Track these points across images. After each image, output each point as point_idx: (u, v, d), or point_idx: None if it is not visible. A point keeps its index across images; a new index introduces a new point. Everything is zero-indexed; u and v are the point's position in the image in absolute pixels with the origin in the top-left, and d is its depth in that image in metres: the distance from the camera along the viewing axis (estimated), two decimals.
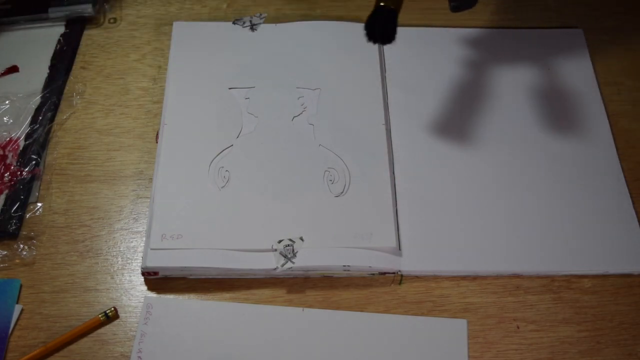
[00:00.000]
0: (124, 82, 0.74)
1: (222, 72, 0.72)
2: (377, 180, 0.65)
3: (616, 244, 0.63)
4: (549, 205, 0.65)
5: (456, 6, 0.65)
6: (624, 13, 0.82)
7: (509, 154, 0.68)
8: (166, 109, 0.69)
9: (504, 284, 0.61)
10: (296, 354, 0.57)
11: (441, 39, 0.77)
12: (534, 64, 0.75)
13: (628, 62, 0.78)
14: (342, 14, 0.79)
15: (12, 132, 0.68)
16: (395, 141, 0.69)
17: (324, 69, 0.73)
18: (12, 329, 0.57)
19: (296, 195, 0.64)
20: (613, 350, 0.58)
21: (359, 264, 0.60)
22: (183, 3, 0.81)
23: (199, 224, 0.61)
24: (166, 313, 0.58)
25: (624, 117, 0.73)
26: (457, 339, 0.58)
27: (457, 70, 0.74)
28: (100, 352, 0.57)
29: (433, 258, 0.62)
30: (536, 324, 0.59)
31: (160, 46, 0.77)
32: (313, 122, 0.69)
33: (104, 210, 0.65)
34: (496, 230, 0.63)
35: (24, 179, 0.65)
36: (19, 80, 0.73)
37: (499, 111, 0.71)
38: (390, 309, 0.60)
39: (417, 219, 0.64)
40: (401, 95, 0.72)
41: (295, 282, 0.61)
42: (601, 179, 0.67)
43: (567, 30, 0.79)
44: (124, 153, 0.68)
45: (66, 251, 0.62)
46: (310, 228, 0.62)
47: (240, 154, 0.66)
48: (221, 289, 0.60)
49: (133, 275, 0.61)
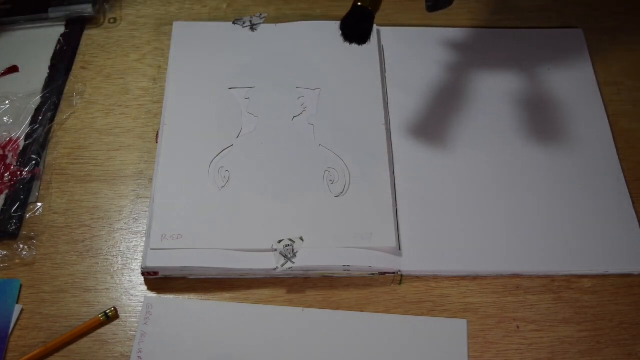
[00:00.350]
0: (124, 82, 0.74)
1: (222, 72, 0.72)
2: (377, 180, 0.65)
3: (616, 244, 0.63)
4: (549, 205, 0.65)
5: (431, 6, 0.65)
6: (624, 13, 0.82)
7: (509, 154, 0.68)
8: (166, 109, 0.69)
9: (504, 284, 0.61)
10: (296, 354, 0.57)
11: (441, 39, 0.77)
12: (533, 64, 0.75)
13: (628, 62, 0.78)
14: (342, 14, 0.79)
15: (12, 132, 0.68)
16: (395, 141, 0.69)
17: (324, 69, 0.73)
18: (12, 329, 0.57)
19: (296, 195, 0.64)
20: (613, 350, 0.58)
21: (359, 264, 0.60)
22: (183, 3, 0.81)
23: (199, 224, 0.61)
24: (166, 313, 0.58)
25: (624, 117, 0.73)
26: (457, 339, 0.58)
27: (457, 71, 0.74)
28: (100, 352, 0.57)
29: (433, 258, 0.62)
30: (536, 324, 0.59)
31: (160, 46, 0.77)
32: (313, 122, 0.69)
33: (104, 210, 0.65)
34: (496, 230, 0.63)
35: (24, 179, 0.65)
36: (19, 80, 0.73)
37: (499, 111, 0.71)
38: (390, 309, 0.60)
39: (417, 219, 0.64)
40: (401, 95, 0.72)
41: (295, 282, 0.61)
42: (601, 179, 0.67)
43: (567, 30, 0.79)
44: (124, 153, 0.68)
45: (66, 251, 0.62)
46: (310, 228, 0.62)
47: (240, 154, 0.66)
48: (221, 289, 0.60)
49: (133, 275, 0.61)
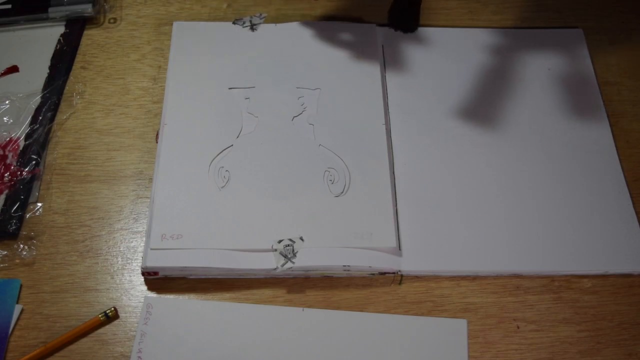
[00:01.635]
0: (124, 82, 0.74)
1: (222, 72, 0.72)
2: (377, 180, 0.65)
3: (616, 244, 0.63)
4: (549, 205, 0.65)
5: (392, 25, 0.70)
6: (624, 13, 0.82)
7: (509, 154, 0.68)
8: (166, 109, 0.69)
9: (504, 284, 0.61)
10: (296, 354, 0.57)
11: (441, 39, 0.77)
12: (534, 63, 0.75)
13: (628, 62, 0.78)
14: (342, 14, 0.79)
15: (12, 132, 0.68)
16: (395, 141, 0.69)
17: (324, 69, 0.73)
18: (12, 329, 0.57)
19: (296, 195, 0.64)
20: (613, 350, 0.58)
21: (359, 264, 0.60)
22: (183, 3, 0.81)
23: (199, 224, 0.61)
24: (166, 313, 0.58)
25: (624, 117, 0.73)
26: (457, 339, 0.58)
27: (456, 70, 0.74)
28: (100, 352, 0.57)
29: (433, 258, 0.62)
30: (536, 324, 0.59)
31: (160, 46, 0.77)
32: (313, 122, 0.69)
33: (104, 210, 0.65)
34: (496, 230, 0.63)
35: (24, 179, 0.65)
36: (19, 80, 0.73)
37: (498, 111, 0.71)
38: (390, 309, 0.60)
39: (417, 219, 0.64)
40: (401, 95, 0.72)
41: (295, 282, 0.61)
42: (601, 179, 0.67)
43: (567, 30, 0.79)
44: (124, 153, 0.68)
45: (66, 251, 0.62)
46: (310, 228, 0.62)
47: (240, 154, 0.66)
48: (221, 289, 0.60)
49: (133, 275, 0.61)
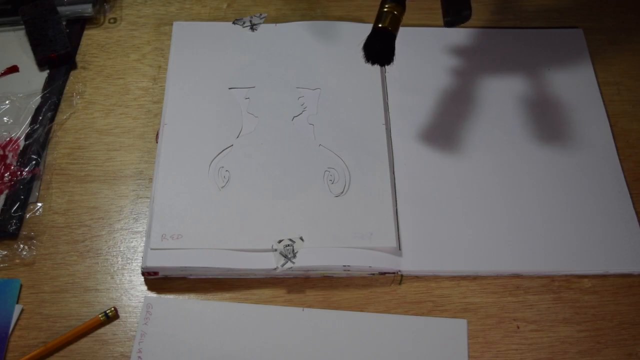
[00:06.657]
0: (124, 82, 0.74)
1: (222, 72, 0.72)
2: (377, 180, 0.65)
3: (616, 244, 0.63)
4: (549, 205, 0.65)
5: (449, 21, 0.66)
6: (624, 13, 0.82)
7: (509, 154, 0.68)
8: (166, 109, 0.69)
9: (504, 284, 0.62)
10: (296, 354, 0.57)
11: (441, 39, 0.77)
12: (534, 64, 0.75)
13: (628, 62, 0.78)
14: (342, 14, 0.79)
15: (12, 132, 0.68)
16: (395, 141, 0.69)
17: (324, 69, 0.73)
18: (12, 329, 0.57)
19: (296, 195, 0.64)
20: (613, 350, 0.58)
21: (359, 264, 0.60)
22: (183, 3, 0.81)
23: (199, 224, 0.61)
24: (166, 313, 0.58)
25: (624, 117, 0.73)
26: (457, 339, 0.58)
27: (457, 70, 0.74)
28: (100, 352, 0.57)
29: (433, 258, 0.62)
30: (536, 324, 0.59)
31: (160, 46, 0.77)
32: (313, 122, 0.69)
33: (104, 210, 0.65)
34: (496, 230, 0.63)
35: (24, 179, 0.65)
36: (19, 80, 0.73)
37: (498, 111, 0.71)
38: (390, 309, 0.60)
39: (417, 219, 0.64)
40: (401, 95, 0.72)
41: (295, 282, 0.61)
42: (601, 179, 0.67)
43: (567, 30, 0.79)
44: (124, 153, 0.68)
45: (66, 251, 0.62)
46: (310, 228, 0.62)
47: (240, 154, 0.66)
48: (221, 289, 0.60)
49: (133, 275, 0.61)
